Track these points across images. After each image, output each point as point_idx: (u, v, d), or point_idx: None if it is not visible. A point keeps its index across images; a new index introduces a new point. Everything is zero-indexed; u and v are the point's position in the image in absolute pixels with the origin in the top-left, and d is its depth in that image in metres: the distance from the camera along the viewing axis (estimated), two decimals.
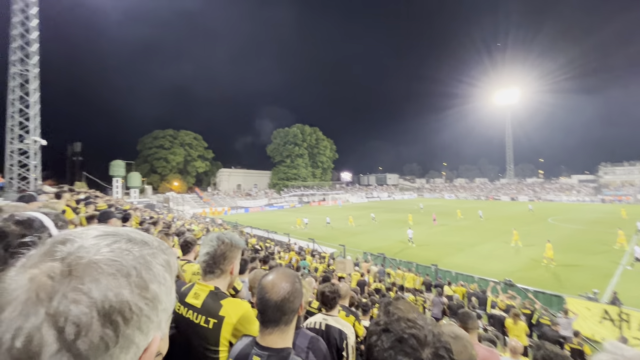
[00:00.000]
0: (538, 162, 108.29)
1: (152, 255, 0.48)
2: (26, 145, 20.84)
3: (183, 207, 45.52)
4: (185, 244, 3.18)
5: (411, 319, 0.71)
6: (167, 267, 0.50)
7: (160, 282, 0.47)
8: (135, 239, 0.48)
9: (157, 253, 0.49)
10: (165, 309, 0.48)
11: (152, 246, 0.50)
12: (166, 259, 0.50)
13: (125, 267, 0.43)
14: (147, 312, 0.44)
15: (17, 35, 20.49)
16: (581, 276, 14.47)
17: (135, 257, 0.45)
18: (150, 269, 0.46)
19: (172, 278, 0.51)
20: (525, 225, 29.18)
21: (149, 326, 0.44)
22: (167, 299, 0.48)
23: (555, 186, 72.14)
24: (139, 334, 0.43)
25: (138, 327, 0.42)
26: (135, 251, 0.46)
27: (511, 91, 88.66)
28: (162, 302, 0.47)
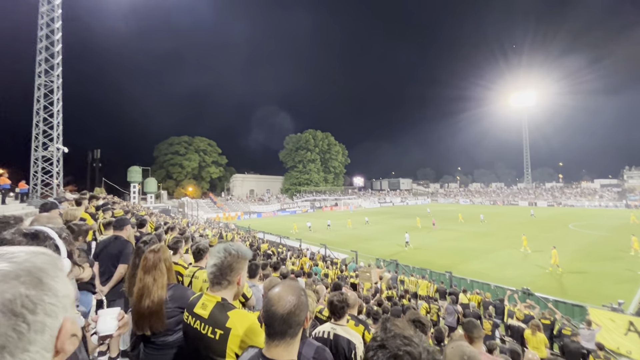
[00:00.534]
0: (557, 166, 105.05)
1: (34, 257, 0.57)
2: (49, 153, 21.71)
3: (197, 212, 46.29)
4: (197, 251, 3.23)
5: (407, 336, 0.73)
6: (53, 263, 0.60)
7: (52, 276, 0.57)
8: (11, 251, 0.57)
9: (37, 255, 0.59)
10: (65, 295, 0.59)
11: (28, 252, 0.59)
12: (48, 257, 0.60)
13: (12, 272, 0.52)
14: (49, 299, 0.54)
15: (42, 48, 21.52)
16: (604, 285, 13.87)
17: (19, 263, 0.54)
18: (38, 268, 0.56)
19: (62, 272, 0.61)
20: (545, 232, 28.27)
21: (55, 310, 0.55)
22: (64, 288, 0.59)
23: (576, 191, 69.60)
24: (49, 318, 0.53)
25: (45, 313, 0.52)
26: (17, 259, 0.55)
27: (528, 93, 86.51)
28: (60, 291, 0.57)
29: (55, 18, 21.73)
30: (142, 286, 1.97)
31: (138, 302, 1.91)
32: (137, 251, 2.42)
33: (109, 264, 3.65)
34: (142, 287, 1.97)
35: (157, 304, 1.93)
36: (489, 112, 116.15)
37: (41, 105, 21.55)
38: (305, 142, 78.36)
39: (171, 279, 2.13)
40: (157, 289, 1.97)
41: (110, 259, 3.62)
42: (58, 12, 21.80)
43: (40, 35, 21.46)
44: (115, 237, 3.74)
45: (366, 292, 9.97)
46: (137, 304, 1.91)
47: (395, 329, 0.74)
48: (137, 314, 1.91)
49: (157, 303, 1.93)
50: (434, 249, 22.01)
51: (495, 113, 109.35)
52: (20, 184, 16.07)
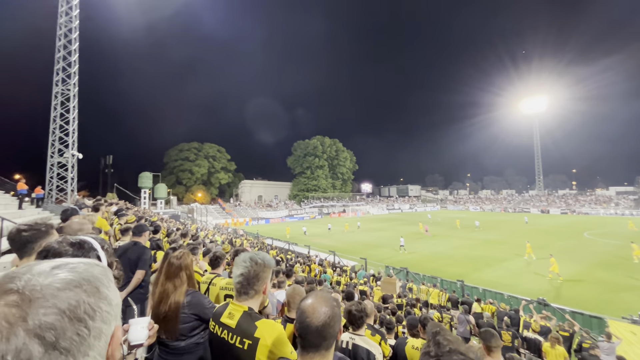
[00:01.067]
0: (570, 173, 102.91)
1: (91, 268, 0.61)
2: (65, 159, 22.26)
3: (206, 217, 46.64)
4: (215, 258, 3.26)
5: (463, 352, 0.71)
6: (106, 273, 0.63)
7: (106, 285, 0.60)
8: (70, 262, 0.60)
9: (93, 266, 0.62)
10: (117, 304, 0.62)
11: (85, 263, 0.62)
12: (101, 268, 0.63)
13: (75, 280, 0.55)
14: (106, 308, 0.58)
15: (60, 57, 22.23)
16: (623, 296, 13.42)
17: (80, 272, 0.58)
18: (95, 277, 0.59)
19: (112, 282, 0.64)
20: (560, 240, 27.62)
21: (110, 318, 0.58)
22: (115, 297, 0.62)
23: (590, 198, 67.98)
24: (104, 325, 0.56)
25: (102, 320, 0.56)
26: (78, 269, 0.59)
27: (538, 99, 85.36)
28: (113, 299, 0.61)
29: (72, 29, 22.47)
30: (162, 291, 2.02)
31: (157, 307, 1.95)
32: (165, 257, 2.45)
33: (127, 270, 3.69)
34: (162, 292, 2.01)
35: (173, 310, 1.96)
36: (498, 118, 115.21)
37: (58, 113, 22.17)
38: (314, 149, 78.60)
39: (191, 285, 2.16)
40: (175, 296, 2.00)
41: (128, 264, 3.66)
42: (75, 23, 22.54)
43: (59, 45, 22.19)
44: (135, 243, 3.79)
45: (377, 300, 9.84)
46: (156, 308, 1.95)
47: (450, 344, 0.73)
48: (154, 318, 1.94)
49: (173, 309, 1.96)
50: (444, 257, 21.66)
51: (505, 119, 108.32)
52: (36, 189, 16.45)
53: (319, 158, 78.43)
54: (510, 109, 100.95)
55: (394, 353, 3.31)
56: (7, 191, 14.83)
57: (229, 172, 74.56)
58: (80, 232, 2.09)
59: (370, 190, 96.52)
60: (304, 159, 78.97)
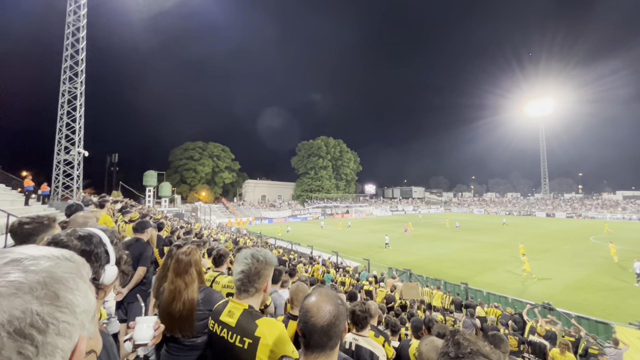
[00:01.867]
0: (577, 177, 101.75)
1: (55, 267, 0.50)
2: (71, 156, 22.47)
3: (210, 216, 46.82)
4: (218, 256, 3.23)
5: (485, 354, 0.66)
6: (76, 272, 0.53)
7: (71, 288, 0.49)
8: (33, 256, 0.50)
9: (60, 263, 0.51)
10: (84, 310, 0.51)
11: (52, 258, 0.51)
12: (72, 265, 0.53)
13: (26, 283, 0.45)
14: (65, 318, 0.46)
15: (68, 56, 22.47)
16: (630, 302, 13.20)
17: (36, 272, 0.47)
18: (57, 279, 0.48)
19: (84, 282, 0.53)
20: (565, 244, 27.31)
21: (71, 330, 0.47)
22: (84, 302, 0.51)
23: (596, 202, 67.17)
24: (61, 339, 0.46)
25: (57, 333, 0.45)
26: (35, 267, 0.48)
27: (545, 102, 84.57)
28: (78, 306, 0.49)
29: (80, 28, 22.70)
30: (174, 289, 1.97)
31: (169, 305, 1.90)
32: (169, 253, 2.43)
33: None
34: (174, 289, 1.96)
35: (188, 308, 1.92)
36: (504, 121, 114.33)
37: (65, 111, 22.39)
38: (318, 149, 78.63)
39: (201, 282, 2.13)
40: (188, 293, 1.96)
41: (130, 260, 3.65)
42: (83, 22, 22.77)
43: (66, 43, 22.42)
44: (136, 240, 3.79)
45: (380, 301, 9.77)
46: (168, 306, 1.90)
47: (471, 345, 0.68)
48: (167, 317, 1.90)
49: (188, 307, 1.92)
50: (448, 259, 21.51)
51: (511, 122, 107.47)
52: (42, 186, 16.62)
53: (323, 159, 78.44)
54: (516, 111, 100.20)
55: (398, 355, 3.25)
56: (14, 188, 14.99)
57: (233, 172, 74.82)
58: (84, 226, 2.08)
59: (374, 192, 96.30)
60: (307, 160, 79.04)
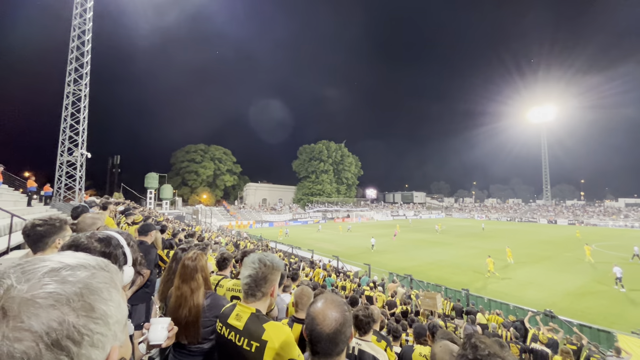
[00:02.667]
0: (579, 183, 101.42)
1: (91, 277, 0.50)
2: (74, 158, 22.57)
3: (211, 219, 46.82)
4: (222, 259, 3.25)
5: (502, 356, 0.68)
6: (111, 282, 0.53)
7: (105, 299, 0.50)
8: (70, 266, 0.50)
9: (96, 273, 0.52)
10: (117, 321, 0.51)
11: (89, 268, 0.52)
12: (107, 275, 0.53)
13: (64, 295, 0.45)
14: (99, 329, 0.47)
15: (73, 58, 22.68)
16: (633, 310, 13.12)
17: (73, 284, 0.47)
18: (92, 290, 0.49)
19: (118, 292, 0.54)
20: (567, 252, 27.19)
21: (104, 341, 0.48)
22: (117, 312, 0.52)
23: (599, 209, 66.90)
24: (95, 350, 0.46)
25: (92, 345, 0.45)
26: (72, 278, 0.48)
27: (546, 108, 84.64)
28: (112, 317, 0.50)
29: (86, 30, 22.93)
30: (180, 295, 1.97)
31: (175, 311, 1.91)
32: (174, 256, 2.44)
33: None
34: (180, 295, 1.97)
35: (194, 314, 1.91)
36: (506, 127, 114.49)
37: (69, 113, 22.54)
38: (319, 153, 78.76)
39: (207, 287, 2.13)
40: (194, 299, 1.96)
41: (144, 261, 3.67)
42: (89, 25, 23.00)
43: (72, 46, 22.63)
44: (140, 242, 3.80)
45: (380, 307, 9.74)
46: (174, 312, 1.91)
47: (487, 347, 0.70)
48: (173, 322, 1.90)
49: (194, 314, 1.92)
50: (449, 265, 21.43)
51: (513, 128, 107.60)
52: (45, 187, 16.68)
53: (324, 162, 78.52)
54: (517, 118, 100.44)
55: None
56: (17, 188, 15.06)
57: (235, 175, 74.94)
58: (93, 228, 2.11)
59: (375, 196, 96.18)
60: (309, 163, 79.14)
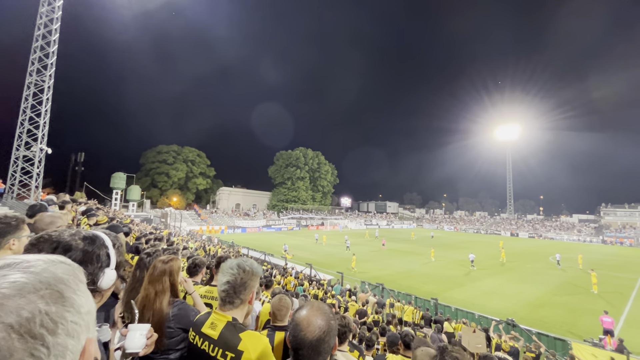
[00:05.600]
0: (538, 199, 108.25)
1: (53, 267, 0.49)
2: (32, 153, 20.99)
3: (180, 223, 45.06)
4: (193, 265, 3.09)
5: None
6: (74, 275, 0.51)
7: (74, 289, 0.49)
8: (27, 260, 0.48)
9: (56, 265, 0.50)
10: (88, 311, 0.50)
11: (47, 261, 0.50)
12: (68, 267, 0.52)
13: (29, 283, 0.44)
14: (72, 318, 0.46)
15: (37, 47, 21.27)
16: (585, 320, 14.01)
17: (37, 273, 0.46)
18: (59, 279, 0.47)
19: (84, 285, 0.52)
20: (527, 263, 28.76)
21: (78, 330, 0.46)
22: (87, 303, 0.50)
23: (555, 224, 71.64)
24: (70, 340, 0.44)
25: (67, 334, 0.44)
26: (34, 268, 0.47)
27: (511, 128, 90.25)
28: (83, 306, 0.49)
29: (54, 19, 21.65)
30: (145, 296, 1.86)
31: (140, 314, 1.79)
32: (139, 262, 2.28)
33: None
34: (145, 297, 1.85)
35: (156, 320, 1.80)
36: (475, 144, 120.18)
37: (29, 104, 21.03)
38: (296, 160, 78.63)
39: (174, 294, 2.00)
40: (157, 303, 1.85)
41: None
42: (58, 14, 21.76)
43: (37, 34, 21.26)
44: None
45: (352, 315, 9.74)
46: (140, 315, 1.79)
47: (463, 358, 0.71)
48: None
49: (157, 319, 1.80)
50: (419, 275, 21.93)
51: (481, 145, 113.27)
52: None
53: (301, 169, 78.46)
54: (486, 135, 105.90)
55: None
56: None
57: (208, 178, 72.96)
58: (51, 228, 1.93)
59: (350, 205, 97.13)
60: (285, 170, 78.73)
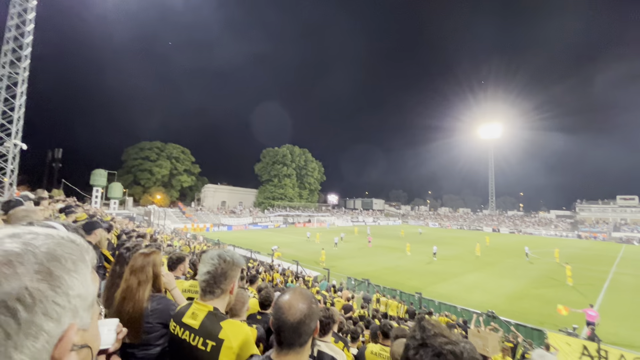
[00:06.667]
0: (519, 196, 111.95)
1: (56, 245, 0.48)
2: (5, 149, 20.07)
3: (164, 221, 44.16)
4: (175, 259, 3.05)
5: (447, 335, 0.77)
6: (79, 256, 0.50)
7: (69, 269, 0.46)
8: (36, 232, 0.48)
9: (63, 243, 0.49)
10: (79, 294, 0.47)
11: (56, 237, 0.49)
12: (76, 247, 0.50)
13: (21, 254, 0.43)
14: (54, 297, 0.43)
15: (11, 38, 20.29)
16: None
17: (35, 247, 0.45)
18: (55, 257, 0.46)
19: (87, 268, 0.51)
20: (508, 258, 29.70)
21: (60, 312, 0.43)
22: (80, 286, 0.47)
23: (534, 220, 74.25)
24: (48, 320, 0.42)
25: (45, 313, 0.41)
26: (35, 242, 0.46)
27: (494, 126, 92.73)
28: (72, 288, 0.46)
29: (28, 9, 20.68)
30: (126, 287, 1.82)
31: (120, 305, 1.75)
32: (118, 257, 2.24)
33: None
34: (126, 288, 1.82)
35: (136, 311, 1.77)
36: (459, 142, 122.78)
37: (1, 97, 20.07)
38: (282, 157, 78.26)
39: (157, 287, 1.96)
40: (139, 293, 1.82)
41: None
42: (33, 3, 20.79)
43: (10, 24, 20.26)
44: None
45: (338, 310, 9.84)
46: (119, 307, 1.75)
47: (434, 329, 0.77)
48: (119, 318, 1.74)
49: (137, 311, 1.77)
50: (404, 270, 22.33)
51: (465, 143, 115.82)
52: None
53: (288, 167, 78.17)
54: (470, 133, 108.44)
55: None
56: None
57: (193, 175, 71.70)
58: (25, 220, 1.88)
59: (336, 202, 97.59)
60: (272, 167, 78.25)
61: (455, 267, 24.02)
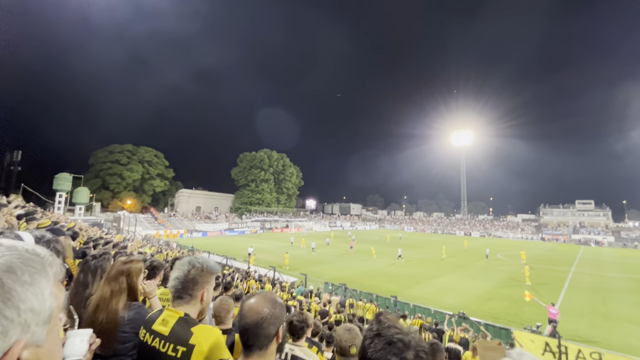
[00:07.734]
0: (488, 201, 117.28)
1: (15, 257, 0.47)
2: None
3: (135, 227, 42.29)
4: (151, 268, 2.96)
5: (398, 326, 0.89)
6: (40, 269, 0.48)
7: (23, 282, 0.45)
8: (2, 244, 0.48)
9: (24, 255, 0.48)
10: (32, 308, 0.45)
11: (20, 250, 0.48)
12: (37, 260, 0.49)
13: None
14: (2, 309, 0.41)
15: None
16: (526, 310, 15.42)
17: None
18: (10, 268, 0.44)
19: (47, 282, 0.49)
20: (478, 260, 30.92)
21: (6, 326, 0.42)
22: (35, 301, 0.46)
23: (502, 223, 77.88)
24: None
25: None
26: None
27: (465, 134, 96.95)
28: (24, 302, 0.44)
29: None
30: (100, 296, 1.76)
31: (92, 314, 1.69)
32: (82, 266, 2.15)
33: None
34: (100, 297, 1.76)
35: (110, 321, 1.71)
36: (433, 148, 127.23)
37: None
38: (260, 162, 77.47)
39: (132, 297, 1.91)
40: (112, 304, 1.76)
41: None
42: None
43: None
44: None
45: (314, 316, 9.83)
46: (91, 316, 1.69)
47: (389, 321, 0.87)
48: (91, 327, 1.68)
49: (111, 321, 1.72)
50: (380, 274, 22.69)
51: (439, 149, 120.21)
52: None
53: (265, 171, 77.42)
54: (443, 140, 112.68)
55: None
56: None
57: (166, 180, 69.34)
58: None
59: (314, 207, 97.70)
60: (249, 172, 77.18)
61: (430, 270, 24.70)
